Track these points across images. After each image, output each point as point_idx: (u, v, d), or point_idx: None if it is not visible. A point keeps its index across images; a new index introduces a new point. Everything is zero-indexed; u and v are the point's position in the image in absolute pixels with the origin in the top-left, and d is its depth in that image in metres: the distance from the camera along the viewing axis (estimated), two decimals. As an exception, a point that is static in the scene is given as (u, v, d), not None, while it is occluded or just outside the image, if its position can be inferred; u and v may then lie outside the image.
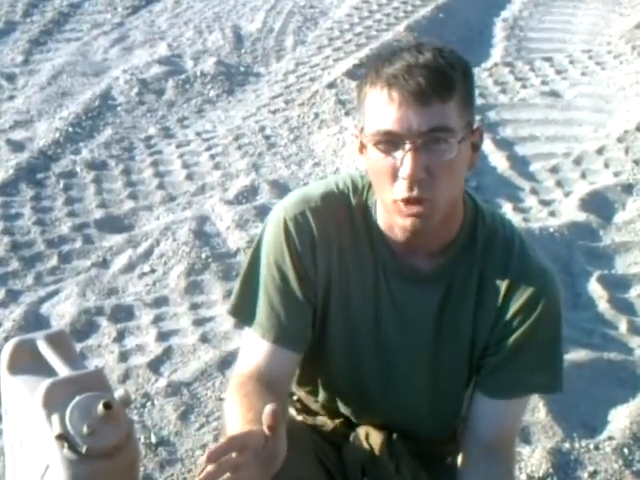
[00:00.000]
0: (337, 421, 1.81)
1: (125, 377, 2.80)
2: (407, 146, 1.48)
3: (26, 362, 1.95)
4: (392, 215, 1.56)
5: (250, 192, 3.88)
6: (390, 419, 1.76)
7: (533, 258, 1.63)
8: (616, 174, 4.05)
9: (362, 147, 1.57)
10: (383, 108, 1.49)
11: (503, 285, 1.61)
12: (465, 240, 1.62)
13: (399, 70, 1.48)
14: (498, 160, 4.20)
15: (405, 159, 1.48)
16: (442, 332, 1.65)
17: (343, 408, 1.79)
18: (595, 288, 3.27)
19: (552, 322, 1.63)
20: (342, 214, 1.65)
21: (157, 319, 3.10)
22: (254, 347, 1.66)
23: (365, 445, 1.75)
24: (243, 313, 1.68)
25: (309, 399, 1.83)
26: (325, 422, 1.83)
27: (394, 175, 1.50)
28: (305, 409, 1.86)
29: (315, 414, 1.85)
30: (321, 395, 1.80)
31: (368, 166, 1.56)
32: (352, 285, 1.65)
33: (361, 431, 1.77)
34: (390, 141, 1.49)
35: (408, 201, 1.51)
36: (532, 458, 2.45)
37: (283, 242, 1.63)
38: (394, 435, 1.76)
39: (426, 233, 1.57)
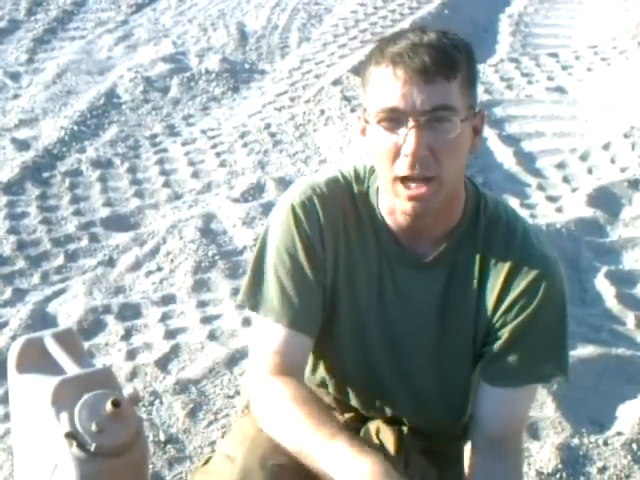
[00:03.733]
0: (348, 416, 1.81)
1: (133, 375, 2.80)
2: (410, 123, 1.49)
3: (34, 360, 1.95)
4: (393, 199, 1.57)
5: (256, 189, 3.88)
6: (400, 410, 1.76)
7: (535, 245, 1.62)
8: (623, 170, 4.04)
9: (365, 128, 1.58)
10: (388, 85, 1.51)
11: (504, 270, 1.61)
12: (467, 226, 1.63)
13: (404, 49, 1.50)
14: (504, 156, 4.19)
15: (408, 136, 1.50)
16: (446, 316, 1.66)
17: (354, 400, 1.79)
18: (602, 284, 3.26)
19: (554, 309, 1.62)
20: (346, 201, 1.66)
21: (164, 317, 3.10)
22: (269, 334, 1.65)
23: (375, 440, 1.75)
24: (255, 301, 1.68)
25: (321, 392, 1.83)
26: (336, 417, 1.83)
27: (397, 153, 1.52)
28: None
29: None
30: (331, 386, 1.80)
31: (371, 147, 1.57)
32: (358, 271, 1.66)
33: (372, 426, 1.77)
34: (394, 118, 1.51)
35: (410, 179, 1.52)
36: (541, 454, 2.45)
37: (292, 227, 1.64)
38: (404, 430, 1.76)
39: (427, 217, 1.58)
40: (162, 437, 2.56)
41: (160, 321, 3.08)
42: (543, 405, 2.61)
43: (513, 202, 3.82)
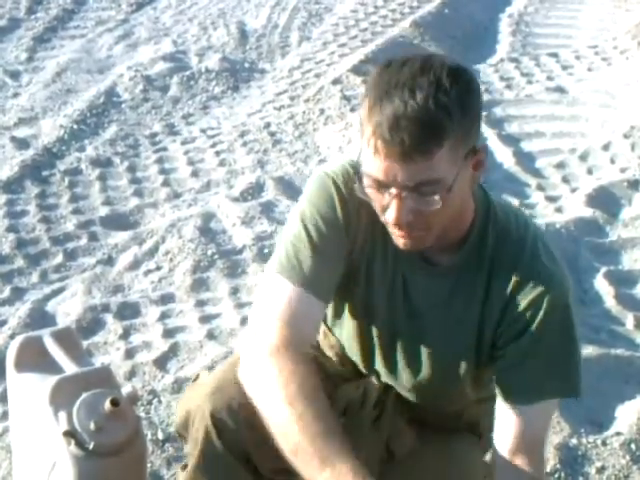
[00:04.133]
0: (345, 368, 1.85)
1: (131, 374, 2.80)
2: (393, 192, 1.49)
3: (33, 359, 1.95)
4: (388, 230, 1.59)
5: (255, 189, 3.87)
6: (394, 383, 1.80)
7: (543, 262, 1.61)
8: (622, 170, 4.04)
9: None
10: (371, 155, 1.48)
11: (509, 287, 1.61)
12: (476, 239, 1.63)
13: (386, 120, 1.44)
14: (504, 156, 4.19)
15: (391, 204, 1.50)
16: (448, 322, 1.67)
17: (353, 361, 1.84)
18: (602, 284, 3.26)
19: (559, 325, 1.62)
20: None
21: (163, 316, 3.10)
22: (280, 295, 1.62)
23: (360, 389, 1.78)
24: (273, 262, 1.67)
25: (324, 342, 1.87)
26: (334, 365, 1.87)
27: (385, 206, 1.52)
28: (319, 351, 1.89)
29: (326, 358, 1.89)
30: (334, 339, 1.85)
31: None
32: (376, 263, 1.68)
33: (364, 378, 1.81)
34: (378, 186, 1.50)
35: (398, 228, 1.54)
36: (539, 454, 2.44)
37: (334, 194, 1.64)
38: (392, 390, 1.79)
39: (425, 247, 1.60)
40: (160, 436, 2.55)
41: (159, 320, 3.08)
42: (542, 405, 2.61)
43: (513, 202, 3.81)
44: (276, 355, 1.56)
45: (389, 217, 1.51)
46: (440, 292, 1.65)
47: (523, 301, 1.60)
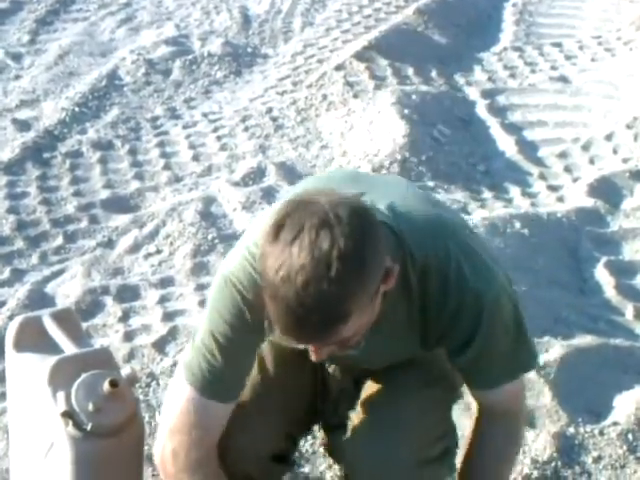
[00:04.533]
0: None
1: (130, 357, 2.80)
2: (309, 346, 1.51)
3: (32, 339, 1.95)
4: None
5: (257, 174, 3.87)
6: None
7: (469, 281, 1.63)
8: (625, 160, 4.02)
9: None
10: (278, 330, 1.47)
11: (446, 317, 1.65)
12: (398, 289, 1.60)
13: (285, 321, 1.42)
14: (506, 145, 4.18)
15: (309, 349, 1.52)
16: (392, 343, 1.73)
17: None
18: (602, 274, 3.25)
19: (502, 328, 1.68)
20: None
21: (163, 299, 3.10)
22: (181, 392, 1.76)
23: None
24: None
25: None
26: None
27: None
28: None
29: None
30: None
31: None
32: None
33: None
34: None
35: None
36: (536, 442, 2.44)
37: (239, 302, 1.67)
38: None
39: None
40: (158, 419, 2.56)
41: (158, 303, 3.07)
42: (540, 394, 2.60)
43: (514, 191, 3.82)
44: (174, 463, 1.76)
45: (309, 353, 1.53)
46: (378, 335, 1.63)
47: (462, 328, 1.66)
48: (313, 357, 1.52)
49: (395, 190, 1.75)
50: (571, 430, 2.51)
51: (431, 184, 3.75)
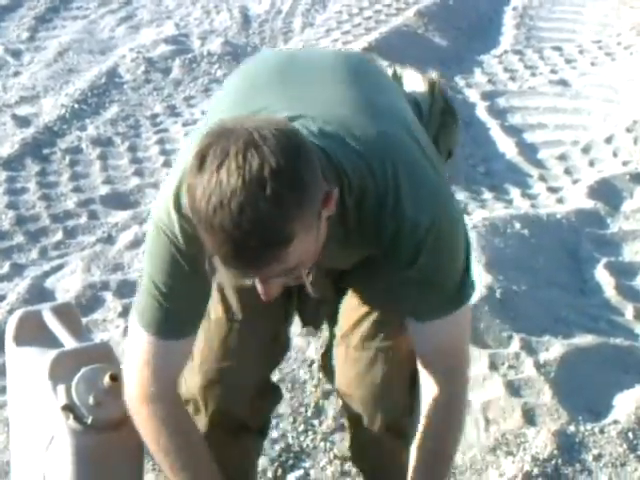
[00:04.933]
0: None
1: (130, 352, 2.79)
2: (255, 279, 1.43)
3: (32, 333, 1.94)
4: None
5: (256, 172, 3.86)
6: None
7: (406, 210, 1.51)
8: (624, 163, 4.04)
9: None
10: (221, 263, 1.39)
11: (384, 243, 1.55)
12: (335, 217, 1.49)
13: (224, 250, 1.33)
14: (507, 146, 4.19)
15: (256, 284, 1.44)
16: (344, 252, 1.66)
17: None
18: (602, 275, 3.26)
19: (446, 262, 1.59)
20: None
21: (162, 295, 3.09)
22: (139, 342, 1.72)
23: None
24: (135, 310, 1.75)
25: None
26: None
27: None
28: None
29: None
30: None
31: None
32: None
33: None
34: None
35: None
36: (537, 440, 2.45)
37: (172, 249, 1.62)
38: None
39: None
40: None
41: (158, 299, 3.07)
42: (540, 392, 2.61)
43: (515, 192, 3.83)
44: (145, 406, 1.71)
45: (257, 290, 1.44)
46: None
47: (400, 258, 1.55)
48: (263, 296, 1.43)
49: (332, 96, 1.61)
50: (571, 428, 2.51)
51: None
